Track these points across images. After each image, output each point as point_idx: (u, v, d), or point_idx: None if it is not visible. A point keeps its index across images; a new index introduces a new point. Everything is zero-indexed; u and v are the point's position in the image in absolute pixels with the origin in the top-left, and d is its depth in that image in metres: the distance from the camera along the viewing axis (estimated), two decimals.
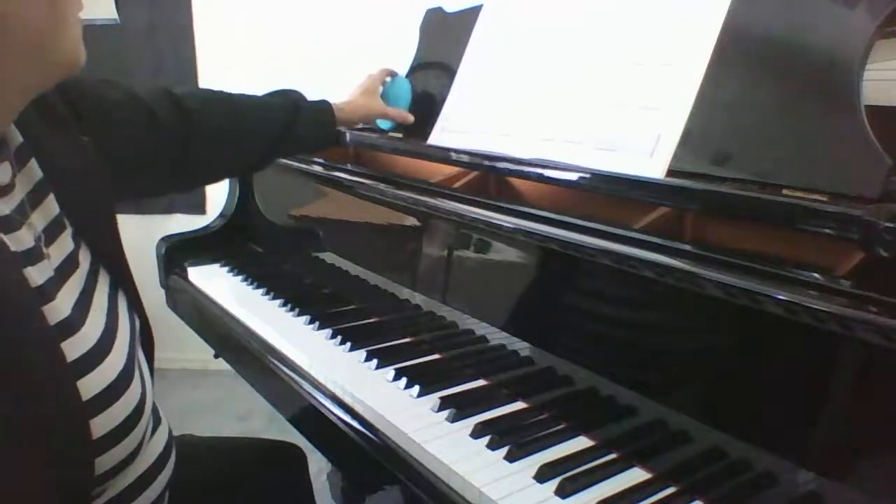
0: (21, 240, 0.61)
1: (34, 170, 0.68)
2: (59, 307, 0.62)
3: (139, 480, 0.71)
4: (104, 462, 0.63)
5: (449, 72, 1.23)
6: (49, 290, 0.62)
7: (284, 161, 1.40)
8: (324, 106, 1.17)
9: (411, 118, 1.26)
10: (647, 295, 0.77)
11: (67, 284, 0.66)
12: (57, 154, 0.71)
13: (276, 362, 1.08)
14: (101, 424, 0.61)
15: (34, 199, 0.67)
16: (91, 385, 0.61)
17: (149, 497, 0.73)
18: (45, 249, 0.64)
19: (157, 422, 0.77)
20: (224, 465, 1.01)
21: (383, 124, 1.32)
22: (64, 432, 0.58)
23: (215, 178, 1.22)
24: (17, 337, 0.54)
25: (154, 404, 0.78)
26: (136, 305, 0.79)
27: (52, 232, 0.67)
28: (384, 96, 1.31)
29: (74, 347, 0.61)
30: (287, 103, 1.13)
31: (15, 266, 0.57)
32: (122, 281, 0.77)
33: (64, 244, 0.69)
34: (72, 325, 0.62)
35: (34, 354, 0.56)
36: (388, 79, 1.32)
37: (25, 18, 0.55)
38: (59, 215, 0.69)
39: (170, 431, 0.81)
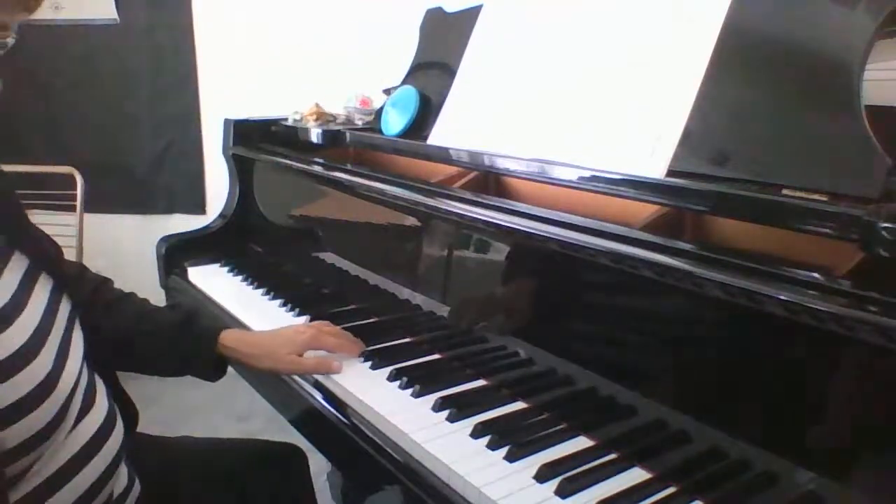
0: None
1: None
2: None
3: (80, 454, 0.72)
4: (11, 436, 0.64)
5: (449, 72, 1.23)
6: None
7: (285, 161, 1.40)
8: (210, 337, 0.97)
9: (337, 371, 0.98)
10: (646, 295, 0.77)
11: None
12: None
13: None
14: (2, 396, 0.63)
15: None
16: None
17: (96, 468, 0.74)
18: None
19: (88, 404, 0.76)
20: (225, 465, 1.01)
21: (388, 130, 1.31)
22: None
23: None
24: None
25: (95, 387, 0.78)
26: (62, 288, 0.79)
27: None
28: (393, 104, 1.30)
29: None
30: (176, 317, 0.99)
31: None
32: (42, 263, 0.77)
33: None
34: None
35: None
36: (398, 89, 1.30)
37: None
38: None
39: (109, 413, 0.80)
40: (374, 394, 0.92)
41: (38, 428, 0.67)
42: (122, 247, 2.49)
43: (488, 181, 1.16)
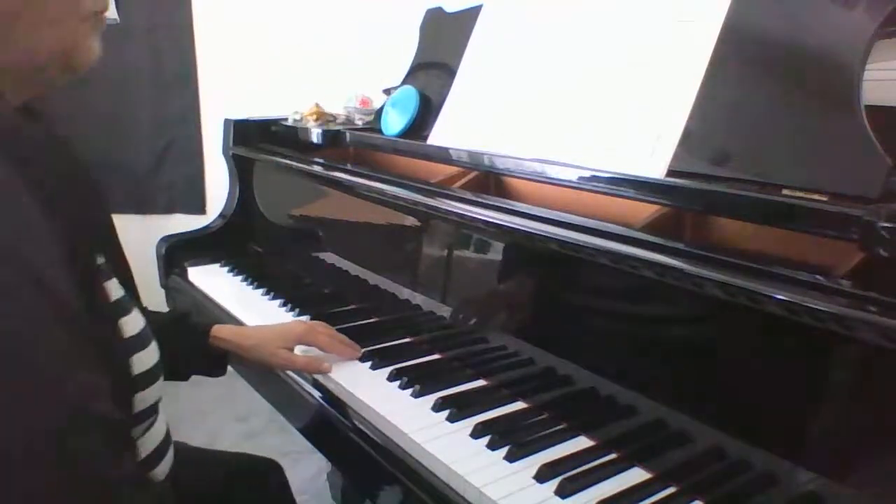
0: None
1: None
2: (112, 287, 0.69)
3: (143, 463, 0.73)
4: (137, 402, 0.69)
5: (449, 72, 1.23)
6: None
7: (285, 161, 1.40)
8: (201, 330, 0.99)
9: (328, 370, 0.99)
10: (646, 295, 0.77)
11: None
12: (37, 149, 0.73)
13: None
14: (137, 364, 0.69)
15: None
16: (127, 328, 0.69)
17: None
18: None
19: (156, 410, 0.78)
20: (203, 475, 1.00)
21: (388, 130, 1.31)
22: (114, 362, 0.63)
23: None
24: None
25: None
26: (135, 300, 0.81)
27: None
28: (393, 104, 1.31)
29: (129, 326, 0.69)
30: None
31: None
32: (125, 279, 0.78)
33: None
34: (125, 306, 0.70)
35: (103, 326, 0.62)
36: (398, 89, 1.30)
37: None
38: None
39: (167, 428, 0.82)
40: (375, 394, 0.92)
41: (151, 402, 0.72)
42: (122, 247, 2.49)
43: (488, 181, 1.16)
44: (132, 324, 0.70)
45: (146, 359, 0.71)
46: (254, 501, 1.02)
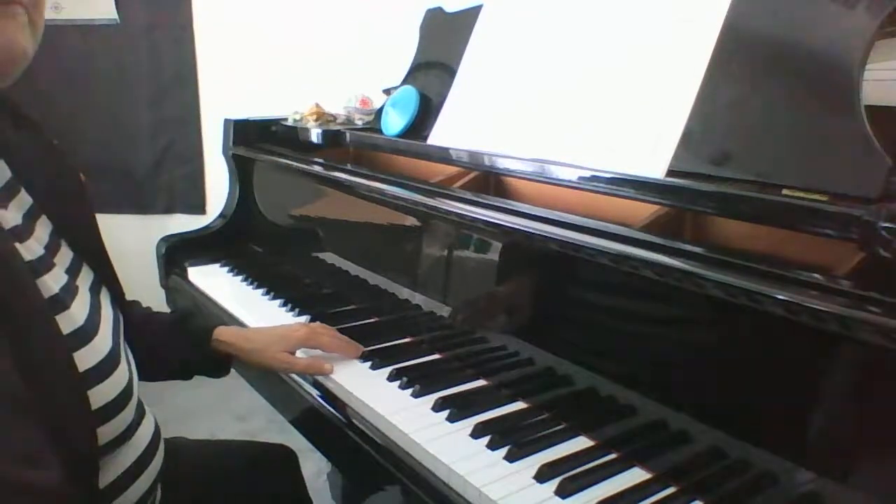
0: (6, 219, 0.66)
1: (2, 169, 0.70)
2: (49, 283, 0.66)
3: (131, 469, 0.74)
4: (103, 433, 0.67)
5: (449, 72, 1.23)
6: (38, 267, 0.66)
7: (285, 161, 1.40)
8: (204, 333, 0.99)
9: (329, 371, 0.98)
10: (646, 295, 0.77)
11: (54, 270, 0.69)
12: (26, 153, 0.74)
13: None
14: (98, 396, 0.66)
15: (7, 194, 0.69)
16: (85, 359, 0.66)
17: (140, 488, 0.75)
18: (25, 234, 0.68)
19: (141, 413, 0.78)
20: (215, 467, 1.01)
21: (388, 130, 1.31)
22: (67, 398, 0.62)
23: None
24: (20, 305, 0.58)
25: (139, 398, 0.80)
26: (119, 301, 0.81)
27: (27, 222, 0.70)
28: (393, 104, 1.31)
29: (66, 323, 0.65)
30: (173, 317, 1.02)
31: (9, 242, 0.62)
32: (106, 278, 0.80)
33: (41, 234, 0.71)
34: (62, 301, 0.66)
35: (35, 322, 0.60)
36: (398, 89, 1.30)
37: None
38: (33, 207, 0.72)
39: (156, 425, 0.82)
40: (374, 394, 0.92)
41: (121, 430, 0.70)
42: (122, 247, 2.47)
43: (488, 181, 1.16)
44: (68, 320, 0.66)
45: (91, 354, 0.67)
46: (265, 487, 1.03)
